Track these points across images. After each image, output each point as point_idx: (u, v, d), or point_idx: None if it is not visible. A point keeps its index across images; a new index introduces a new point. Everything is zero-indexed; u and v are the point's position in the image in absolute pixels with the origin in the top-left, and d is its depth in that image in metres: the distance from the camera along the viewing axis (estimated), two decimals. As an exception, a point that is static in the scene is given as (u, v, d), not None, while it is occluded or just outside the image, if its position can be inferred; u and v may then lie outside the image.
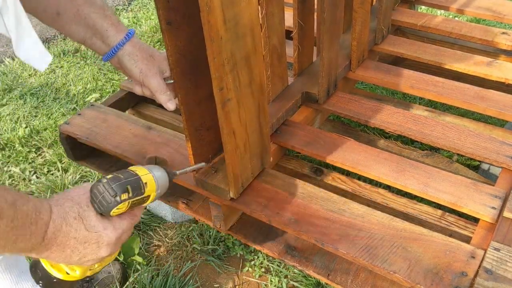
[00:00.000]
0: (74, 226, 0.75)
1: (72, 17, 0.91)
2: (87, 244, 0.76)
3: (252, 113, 1.01)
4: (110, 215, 0.78)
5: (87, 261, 0.78)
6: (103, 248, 0.78)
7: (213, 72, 0.85)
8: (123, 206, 0.79)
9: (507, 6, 1.80)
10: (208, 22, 0.79)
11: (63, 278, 0.81)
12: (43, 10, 0.89)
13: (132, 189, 0.79)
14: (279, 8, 1.24)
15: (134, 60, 0.95)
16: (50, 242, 0.72)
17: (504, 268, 0.91)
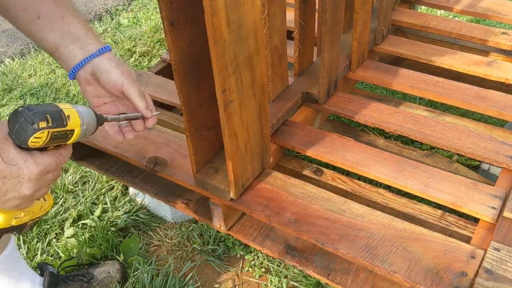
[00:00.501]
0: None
1: (53, 23, 0.88)
2: (7, 179, 0.71)
3: (254, 114, 1.01)
4: (29, 146, 0.71)
5: (9, 199, 0.74)
6: (24, 183, 0.73)
7: (216, 74, 0.86)
8: (42, 135, 0.71)
9: (507, 6, 1.80)
10: (212, 25, 0.79)
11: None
12: (23, 10, 0.86)
13: (52, 119, 0.72)
14: (280, 8, 1.25)
15: (115, 63, 0.91)
16: None
17: (504, 268, 0.91)
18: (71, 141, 0.77)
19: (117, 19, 2.87)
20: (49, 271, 1.24)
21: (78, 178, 1.74)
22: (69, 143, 0.78)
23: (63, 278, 1.29)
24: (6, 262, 1.13)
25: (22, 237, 1.51)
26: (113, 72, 0.90)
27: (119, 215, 1.56)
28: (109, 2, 3.10)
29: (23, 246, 1.49)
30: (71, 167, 1.80)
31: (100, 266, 1.36)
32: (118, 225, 1.54)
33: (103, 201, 1.62)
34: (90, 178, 1.73)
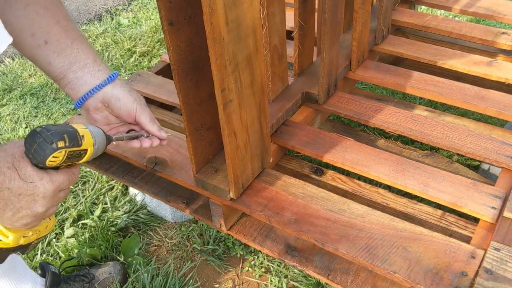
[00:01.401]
0: (7, 176, 0.71)
1: (62, 48, 0.87)
2: (22, 196, 0.72)
3: (253, 113, 1.01)
4: (46, 165, 0.73)
5: (21, 217, 0.74)
6: (39, 201, 0.74)
7: (215, 74, 0.85)
8: (59, 155, 0.73)
9: (507, 6, 1.80)
10: (210, 24, 0.79)
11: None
12: (31, 34, 0.85)
13: (69, 139, 0.74)
14: (280, 8, 1.24)
15: (127, 90, 0.92)
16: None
17: (504, 268, 0.91)
18: (83, 160, 0.80)
19: (117, 19, 2.87)
20: (51, 271, 1.24)
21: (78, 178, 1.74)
22: (81, 162, 0.80)
23: (64, 278, 1.29)
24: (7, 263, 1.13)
25: (22, 237, 1.50)
26: (126, 99, 0.91)
27: (119, 215, 1.56)
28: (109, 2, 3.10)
29: (23, 246, 1.49)
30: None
31: (102, 266, 1.36)
32: (118, 225, 1.54)
33: (103, 201, 1.62)
34: (90, 178, 1.73)
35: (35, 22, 0.84)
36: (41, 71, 2.39)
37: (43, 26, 0.85)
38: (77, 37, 0.89)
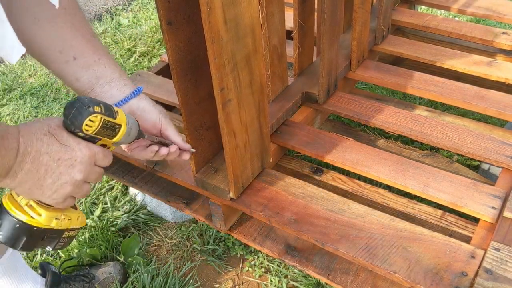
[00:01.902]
0: (45, 141, 0.72)
1: (89, 64, 0.88)
2: (61, 161, 0.74)
3: (252, 113, 1.01)
4: (83, 130, 0.75)
5: (61, 185, 0.75)
6: (76, 166, 0.75)
7: (214, 73, 0.85)
8: (95, 119, 0.75)
9: (507, 6, 1.80)
10: (208, 23, 0.79)
11: (26, 221, 0.77)
12: (59, 51, 0.86)
13: (105, 108, 0.77)
14: (279, 8, 1.24)
15: (152, 103, 0.94)
16: (24, 159, 0.70)
17: (504, 268, 0.91)
18: (116, 137, 0.81)
19: (117, 19, 2.87)
20: (51, 271, 1.24)
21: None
22: (114, 140, 0.81)
23: (64, 278, 1.29)
24: (8, 262, 1.14)
25: (22, 237, 1.50)
26: (152, 111, 0.93)
27: (119, 215, 1.56)
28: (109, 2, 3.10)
29: (23, 246, 1.49)
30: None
31: (102, 266, 1.36)
32: (118, 225, 1.54)
33: (103, 201, 1.62)
34: (90, 178, 1.73)
35: (63, 39, 0.86)
36: (41, 71, 2.39)
37: (72, 43, 0.86)
38: (103, 53, 0.91)
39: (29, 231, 0.78)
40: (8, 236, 0.77)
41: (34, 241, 0.79)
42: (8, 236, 0.77)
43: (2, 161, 0.68)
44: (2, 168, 0.69)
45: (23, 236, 0.78)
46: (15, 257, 1.16)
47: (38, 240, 0.80)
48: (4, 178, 0.71)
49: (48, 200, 0.78)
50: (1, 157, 0.67)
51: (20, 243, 0.78)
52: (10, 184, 0.72)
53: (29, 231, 0.78)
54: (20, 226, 0.77)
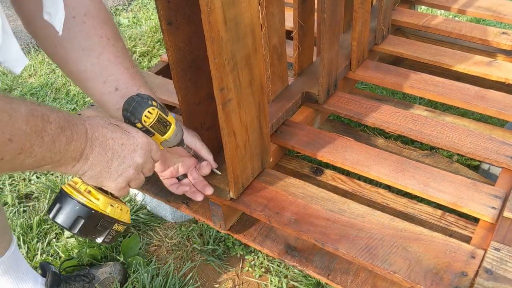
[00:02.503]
0: (109, 128, 0.80)
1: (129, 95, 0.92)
2: (124, 146, 0.81)
3: (253, 113, 1.01)
4: (142, 121, 0.84)
5: (126, 168, 0.82)
6: (138, 151, 0.83)
7: (214, 73, 0.85)
8: (153, 112, 0.85)
9: (507, 6, 1.80)
10: (208, 23, 0.79)
11: (86, 203, 0.82)
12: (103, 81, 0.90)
13: (159, 104, 0.86)
14: (279, 8, 1.24)
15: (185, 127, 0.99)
16: (93, 143, 0.77)
17: (504, 268, 0.91)
18: (166, 135, 0.89)
19: (117, 19, 2.87)
20: (51, 271, 1.24)
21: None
22: (164, 138, 0.90)
23: (65, 278, 1.29)
24: (9, 262, 1.14)
25: (22, 237, 1.51)
26: (187, 135, 0.99)
27: (119, 215, 1.55)
28: (109, 2, 3.10)
29: (23, 246, 1.49)
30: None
31: (102, 266, 1.36)
32: (118, 225, 1.53)
33: (103, 201, 1.62)
34: (90, 178, 1.73)
35: (107, 70, 0.90)
36: (40, 71, 2.39)
37: (114, 73, 0.91)
38: (142, 83, 0.94)
39: (88, 213, 0.82)
40: (67, 218, 0.82)
41: (90, 225, 0.84)
42: (67, 219, 0.82)
43: (76, 144, 0.73)
44: (76, 150, 0.74)
45: (81, 219, 0.82)
46: (16, 256, 1.17)
47: (93, 226, 0.84)
48: (78, 162, 0.76)
49: (113, 184, 0.83)
50: (74, 140, 0.73)
51: (78, 225, 0.82)
52: (83, 167, 0.77)
53: (87, 213, 0.82)
54: (80, 208, 0.82)
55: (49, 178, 1.76)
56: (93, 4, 0.88)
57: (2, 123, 0.61)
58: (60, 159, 0.72)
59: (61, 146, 0.70)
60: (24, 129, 0.64)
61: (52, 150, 0.70)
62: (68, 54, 0.87)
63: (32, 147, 0.66)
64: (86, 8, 0.87)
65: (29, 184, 1.75)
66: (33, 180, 1.76)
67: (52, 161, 0.71)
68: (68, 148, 0.72)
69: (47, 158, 0.70)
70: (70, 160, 0.74)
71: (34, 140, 0.66)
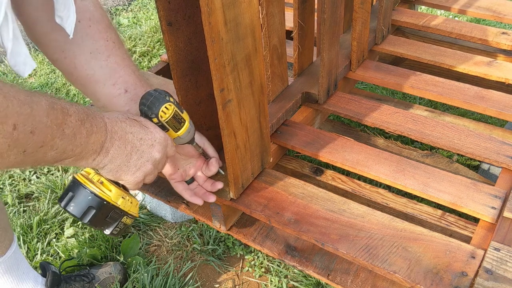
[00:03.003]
0: (128, 123, 0.81)
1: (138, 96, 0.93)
2: (143, 141, 0.82)
3: (253, 113, 1.01)
4: (159, 116, 0.85)
5: (144, 163, 0.83)
6: (156, 146, 0.84)
7: (214, 74, 0.85)
8: (170, 108, 0.86)
9: (507, 6, 1.80)
10: (209, 24, 0.79)
11: (99, 193, 0.82)
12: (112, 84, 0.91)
13: (175, 101, 0.88)
14: (279, 8, 1.24)
15: None
16: (113, 137, 0.78)
17: (504, 268, 0.91)
18: (181, 131, 0.91)
19: (117, 19, 2.87)
20: (51, 271, 1.24)
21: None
22: (178, 134, 0.91)
23: (65, 278, 1.29)
24: (10, 261, 1.14)
25: (22, 237, 1.51)
26: (196, 134, 0.99)
27: (119, 215, 1.56)
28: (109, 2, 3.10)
29: (23, 246, 1.49)
30: (71, 167, 1.80)
31: (102, 266, 1.36)
32: (118, 225, 1.54)
33: (103, 201, 1.62)
34: (90, 178, 1.73)
35: (116, 72, 0.91)
36: (40, 71, 2.39)
37: (123, 76, 0.91)
38: (148, 85, 0.96)
39: (99, 204, 0.83)
40: (79, 207, 0.83)
41: (100, 216, 0.84)
42: (79, 208, 0.83)
43: (96, 137, 0.74)
44: (97, 143, 0.75)
45: (93, 209, 0.83)
46: (17, 256, 1.17)
47: (103, 217, 0.85)
48: (98, 155, 0.77)
49: (131, 178, 0.84)
50: (94, 133, 0.73)
51: (89, 215, 0.83)
52: (103, 160, 0.78)
53: (99, 204, 0.83)
54: (92, 198, 0.82)
55: (49, 178, 1.76)
56: (96, 10, 0.89)
57: (24, 115, 0.62)
58: (81, 152, 0.73)
59: (81, 138, 0.71)
60: (45, 122, 0.65)
61: (73, 143, 0.70)
62: (76, 58, 0.88)
63: (54, 140, 0.67)
64: (90, 13, 0.88)
65: (29, 184, 1.75)
66: (33, 180, 1.76)
67: (73, 154, 0.72)
68: (89, 141, 0.73)
69: (68, 151, 0.71)
70: (91, 153, 0.75)
71: (55, 133, 0.67)
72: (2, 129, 0.59)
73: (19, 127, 0.61)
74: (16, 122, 0.60)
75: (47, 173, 1.80)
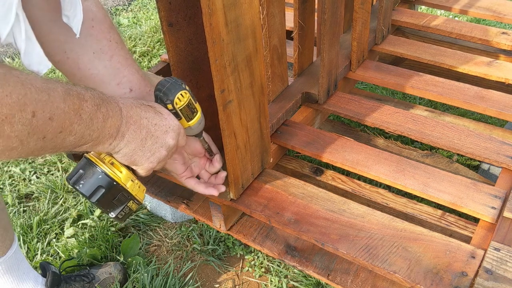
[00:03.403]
0: (143, 108, 0.81)
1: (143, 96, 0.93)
2: (157, 126, 0.83)
3: (253, 114, 1.01)
4: (174, 103, 0.84)
5: (158, 148, 0.83)
6: (170, 133, 0.84)
7: (215, 75, 0.85)
8: (185, 95, 0.86)
9: (507, 6, 1.80)
10: (210, 25, 0.79)
11: (109, 173, 0.82)
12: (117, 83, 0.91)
13: (189, 89, 0.88)
14: (280, 8, 1.24)
15: None
16: (128, 121, 0.78)
17: (504, 268, 0.91)
18: (193, 121, 0.90)
19: (117, 19, 2.87)
20: (51, 271, 1.24)
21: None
22: (189, 124, 0.90)
23: (65, 278, 1.29)
24: (11, 261, 1.14)
25: (22, 237, 1.51)
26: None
27: (119, 215, 1.56)
28: (109, 2, 3.10)
29: (23, 246, 1.49)
30: (71, 167, 1.80)
31: (102, 266, 1.36)
32: (118, 225, 1.54)
33: (103, 201, 1.62)
34: (90, 178, 1.73)
35: (120, 72, 0.91)
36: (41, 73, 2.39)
37: (127, 75, 0.92)
38: (151, 85, 0.96)
39: (109, 184, 0.82)
40: (89, 185, 0.82)
41: (108, 197, 0.83)
42: (89, 186, 0.82)
43: (112, 121, 0.75)
44: (113, 127, 0.75)
45: (102, 188, 0.82)
46: (18, 256, 1.17)
47: (111, 198, 0.84)
48: (115, 139, 0.77)
49: (145, 163, 0.84)
50: (110, 117, 0.74)
51: (98, 195, 0.82)
52: (119, 144, 0.79)
53: (109, 184, 0.82)
54: (102, 177, 0.82)
55: (49, 178, 1.76)
56: (99, 10, 0.89)
57: (42, 102, 0.62)
58: (98, 136, 0.73)
59: (98, 123, 0.72)
60: (63, 108, 0.66)
61: (90, 127, 0.71)
62: (79, 58, 0.88)
63: (72, 125, 0.68)
64: (93, 14, 0.88)
65: (29, 184, 1.75)
66: (33, 180, 1.76)
67: (91, 139, 0.73)
68: (105, 125, 0.74)
69: (86, 136, 0.71)
70: (107, 137, 0.76)
71: (73, 118, 0.68)
72: (22, 116, 0.59)
73: (38, 113, 0.62)
74: (35, 109, 0.61)
75: (47, 173, 1.80)
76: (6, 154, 0.62)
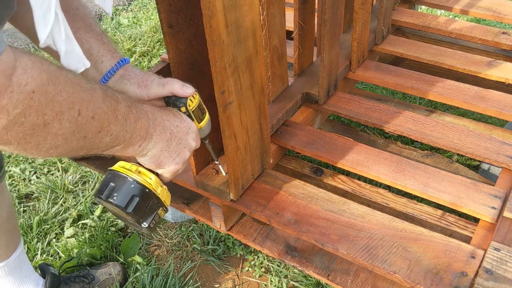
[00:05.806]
0: (163, 112, 0.82)
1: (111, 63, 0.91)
2: (179, 128, 0.83)
3: (253, 115, 1.01)
4: (187, 105, 0.85)
5: (182, 149, 0.84)
6: (190, 134, 0.85)
7: (215, 76, 0.85)
8: (196, 97, 0.87)
9: (507, 6, 1.80)
10: (210, 26, 0.79)
11: (141, 181, 0.81)
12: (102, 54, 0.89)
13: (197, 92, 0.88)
14: (280, 9, 1.24)
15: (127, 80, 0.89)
16: (155, 123, 0.79)
17: (504, 268, 0.91)
18: (203, 122, 0.91)
19: (117, 19, 2.87)
20: (50, 272, 1.24)
21: (78, 178, 1.75)
22: (200, 126, 0.91)
23: (64, 279, 1.29)
24: (14, 264, 1.15)
25: (22, 237, 1.51)
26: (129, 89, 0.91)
27: (119, 215, 1.56)
28: (109, 2, 3.09)
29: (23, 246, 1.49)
30: (71, 167, 1.80)
31: (102, 267, 1.36)
32: (118, 225, 1.54)
33: (103, 201, 1.62)
34: (90, 178, 1.74)
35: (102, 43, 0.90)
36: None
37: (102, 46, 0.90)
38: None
39: (142, 191, 0.81)
40: (123, 197, 0.80)
41: (142, 205, 0.82)
42: (123, 197, 0.80)
43: (141, 122, 0.76)
44: (143, 128, 0.76)
45: (136, 197, 0.81)
46: (21, 258, 1.17)
47: (144, 207, 0.83)
48: (144, 141, 0.78)
49: (172, 165, 0.84)
50: (140, 119, 0.75)
51: (133, 204, 0.81)
52: (148, 145, 0.79)
53: (142, 191, 0.81)
54: (135, 186, 0.81)
55: (49, 178, 1.76)
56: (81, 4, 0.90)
57: (86, 101, 0.63)
58: (130, 137, 0.74)
59: (130, 124, 0.73)
60: (103, 108, 0.66)
61: (124, 128, 0.72)
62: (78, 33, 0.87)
63: (109, 126, 0.68)
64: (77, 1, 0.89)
65: (29, 184, 1.75)
66: (33, 180, 1.76)
67: (124, 140, 0.73)
68: (136, 126, 0.74)
69: (120, 136, 0.72)
70: (138, 139, 0.76)
71: (111, 118, 0.68)
72: (69, 114, 0.60)
73: (83, 112, 0.62)
74: (80, 108, 0.62)
75: (47, 173, 1.80)
76: (50, 152, 0.62)
